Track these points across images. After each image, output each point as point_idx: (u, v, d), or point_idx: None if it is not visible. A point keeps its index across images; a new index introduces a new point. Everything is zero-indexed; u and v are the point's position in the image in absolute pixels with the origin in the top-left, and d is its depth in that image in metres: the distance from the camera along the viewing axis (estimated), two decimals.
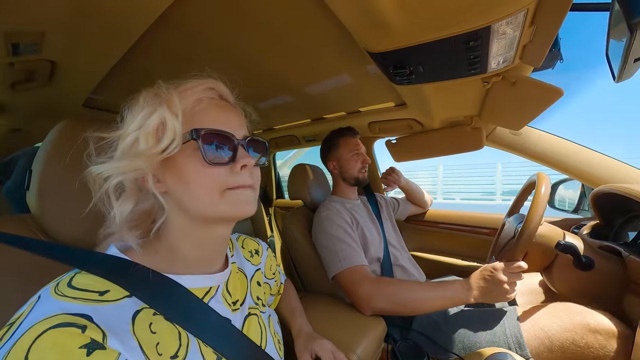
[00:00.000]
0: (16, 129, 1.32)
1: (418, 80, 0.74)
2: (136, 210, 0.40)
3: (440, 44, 0.56)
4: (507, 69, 0.67)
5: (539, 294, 0.95)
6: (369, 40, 0.61)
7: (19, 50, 0.70)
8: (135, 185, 0.39)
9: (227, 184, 0.37)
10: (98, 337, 0.27)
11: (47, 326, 0.25)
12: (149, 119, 0.36)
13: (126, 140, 0.36)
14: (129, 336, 0.30)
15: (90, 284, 0.32)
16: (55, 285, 0.31)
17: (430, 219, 1.49)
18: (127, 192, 0.38)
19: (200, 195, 0.37)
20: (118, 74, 0.89)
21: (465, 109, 1.04)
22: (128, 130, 0.36)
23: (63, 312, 0.27)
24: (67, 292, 0.30)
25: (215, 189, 0.37)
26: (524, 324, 0.69)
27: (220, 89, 0.42)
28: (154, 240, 0.40)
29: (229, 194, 0.37)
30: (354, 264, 0.85)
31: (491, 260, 0.92)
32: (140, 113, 0.36)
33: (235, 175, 0.37)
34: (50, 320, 0.26)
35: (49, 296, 0.29)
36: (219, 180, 0.37)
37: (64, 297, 0.29)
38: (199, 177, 0.36)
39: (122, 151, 0.36)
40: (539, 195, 0.72)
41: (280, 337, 0.55)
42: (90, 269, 0.34)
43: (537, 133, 1.11)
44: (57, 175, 0.49)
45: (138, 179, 0.38)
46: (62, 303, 0.28)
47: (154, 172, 0.37)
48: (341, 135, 1.15)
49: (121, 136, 0.37)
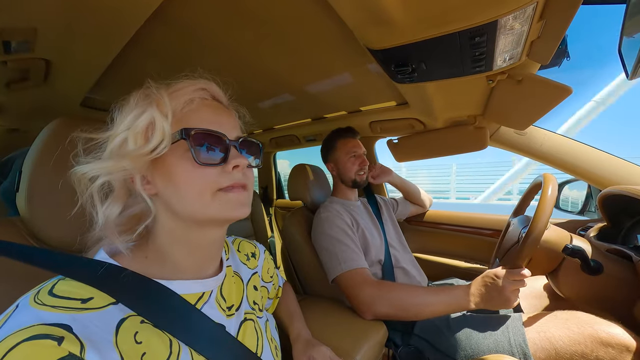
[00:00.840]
0: (14, 129, 1.31)
1: (420, 79, 0.71)
2: (125, 214, 0.39)
3: (444, 40, 0.54)
4: (513, 67, 0.65)
5: (544, 298, 0.93)
6: (369, 36, 0.59)
7: (11, 48, 0.69)
8: (124, 187, 0.37)
9: (218, 185, 0.36)
10: (75, 350, 0.25)
11: (20, 339, 0.24)
12: (138, 119, 0.35)
13: (115, 141, 0.35)
14: (110, 348, 0.28)
15: (73, 291, 0.31)
16: (35, 294, 0.29)
17: (432, 219, 1.47)
18: (115, 194, 0.37)
19: (190, 196, 0.35)
20: (115, 73, 0.88)
21: (469, 108, 1.01)
22: (117, 131, 0.36)
23: (39, 323, 0.26)
24: (47, 300, 0.29)
25: (206, 190, 0.35)
26: (529, 332, 0.67)
27: (212, 90, 0.41)
28: (143, 244, 0.39)
29: (220, 196, 0.36)
30: (354, 267, 0.83)
31: (495, 264, 0.90)
32: (130, 114, 0.36)
33: (227, 175, 0.37)
34: (24, 332, 0.24)
35: (27, 305, 0.28)
36: (210, 180, 0.36)
37: (42, 306, 0.28)
38: (189, 178, 0.35)
39: (110, 151, 0.36)
40: (545, 198, 0.69)
41: (278, 343, 0.53)
42: (73, 275, 0.32)
43: (543, 133, 1.08)
44: (47, 176, 0.47)
45: (127, 180, 0.37)
46: (40, 312, 0.27)
47: (143, 173, 0.36)
48: (339, 136, 1.13)
49: (110, 137, 0.36)
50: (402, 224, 1.42)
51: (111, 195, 0.37)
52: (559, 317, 0.67)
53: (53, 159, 0.45)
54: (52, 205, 0.48)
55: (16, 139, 1.37)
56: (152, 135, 0.34)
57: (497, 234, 1.22)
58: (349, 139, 1.12)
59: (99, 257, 0.36)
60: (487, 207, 6.55)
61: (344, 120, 1.36)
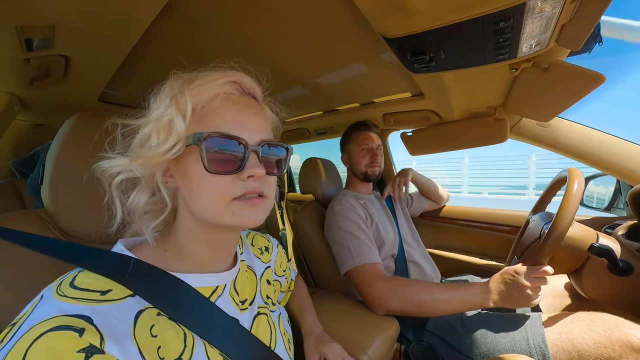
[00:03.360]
0: (38, 124, 1.36)
1: (438, 68, 0.68)
2: (152, 202, 0.39)
3: (465, 27, 0.51)
4: (539, 53, 0.61)
5: (565, 297, 0.89)
6: (384, 24, 0.56)
7: (33, 46, 0.71)
8: (152, 177, 0.37)
9: (233, 194, 0.34)
10: (96, 341, 0.26)
11: (44, 329, 0.25)
12: (164, 113, 0.34)
13: (143, 132, 0.35)
14: (128, 340, 0.29)
15: (93, 283, 0.31)
16: (58, 285, 0.30)
17: (446, 215, 1.43)
18: (142, 184, 0.37)
19: (203, 201, 0.35)
20: (130, 68, 0.89)
21: (489, 98, 0.96)
22: (149, 120, 0.35)
23: (62, 314, 0.26)
24: (69, 292, 0.30)
25: (220, 198, 0.34)
26: (549, 333, 0.64)
27: (244, 83, 0.38)
28: (164, 237, 0.40)
29: (234, 205, 0.34)
30: (367, 262, 0.82)
31: (513, 262, 0.87)
32: (160, 105, 0.35)
33: (242, 184, 0.34)
34: (48, 323, 0.25)
35: (50, 296, 0.29)
36: (223, 189, 0.34)
37: (64, 298, 0.29)
38: (202, 184, 0.34)
39: (137, 143, 0.36)
40: (570, 194, 0.65)
41: (290, 337, 0.54)
42: (91, 267, 0.33)
43: (568, 124, 1.02)
44: (68, 169, 0.49)
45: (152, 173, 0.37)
46: (62, 304, 0.28)
47: (163, 168, 0.36)
48: (353, 129, 1.14)
49: (142, 125, 0.36)
50: (416, 219, 1.40)
51: (139, 185, 0.37)
52: (582, 318, 0.64)
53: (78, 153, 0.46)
54: (73, 197, 0.49)
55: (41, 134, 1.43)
56: (171, 133, 0.33)
57: (515, 231, 1.17)
58: (362, 132, 1.11)
59: (116, 250, 0.37)
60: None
61: (356, 112, 1.33)
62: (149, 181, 0.38)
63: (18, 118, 1.23)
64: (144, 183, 0.37)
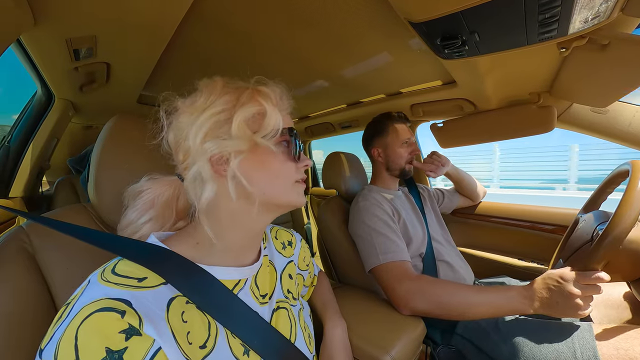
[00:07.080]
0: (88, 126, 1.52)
1: (472, 52, 0.62)
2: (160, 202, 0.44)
3: (503, 3, 0.45)
4: (597, 27, 0.52)
5: (623, 309, 0.78)
6: (410, 7, 0.52)
7: (80, 55, 0.79)
8: (212, 170, 0.39)
9: (295, 178, 0.43)
10: (135, 323, 0.29)
11: (93, 309, 0.28)
12: (245, 106, 0.38)
13: (212, 118, 0.38)
14: (163, 323, 0.31)
15: (131, 271, 0.34)
16: (102, 272, 0.34)
17: (480, 212, 1.33)
18: (207, 177, 0.39)
19: (279, 182, 0.42)
20: (163, 71, 0.95)
21: (531, 84, 0.87)
22: (215, 110, 0.38)
23: (106, 297, 0.29)
24: (111, 278, 0.33)
25: (290, 180, 0.43)
26: (603, 347, 0.57)
27: (286, 99, 0.46)
28: (196, 231, 0.41)
29: (296, 186, 0.44)
30: (394, 259, 0.79)
31: (558, 265, 0.78)
32: (223, 98, 0.39)
33: (299, 171, 0.44)
34: (96, 304, 0.28)
35: (96, 281, 0.32)
36: (292, 172, 0.43)
37: (107, 283, 0.32)
38: (282, 167, 0.41)
39: (212, 126, 0.38)
40: (634, 190, 0.56)
41: (311, 331, 0.54)
42: (129, 256, 0.36)
43: (634, 109, 0.88)
44: (110, 167, 0.53)
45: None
46: (106, 288, 0.31)
47: (235, 152, 0.38)
48: (392, 120, 1.04)
49: (206, 110, 0.38)
50: (447, 216, 1.32)
51: (207, 180, 0.39)
52: None
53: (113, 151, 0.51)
54: (115, 193, 0.54)
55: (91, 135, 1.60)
56: (260, 123, 0.39)
57: (560, 230, 1.05)
58: (403, 125, 1.03)
59: (150, 242, 0.40)
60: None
61: (381, 104, 1.28)
62: (213, 174, 0.38)
63: (72, 121, 1.38)
64: (210, 176, 0.38)
